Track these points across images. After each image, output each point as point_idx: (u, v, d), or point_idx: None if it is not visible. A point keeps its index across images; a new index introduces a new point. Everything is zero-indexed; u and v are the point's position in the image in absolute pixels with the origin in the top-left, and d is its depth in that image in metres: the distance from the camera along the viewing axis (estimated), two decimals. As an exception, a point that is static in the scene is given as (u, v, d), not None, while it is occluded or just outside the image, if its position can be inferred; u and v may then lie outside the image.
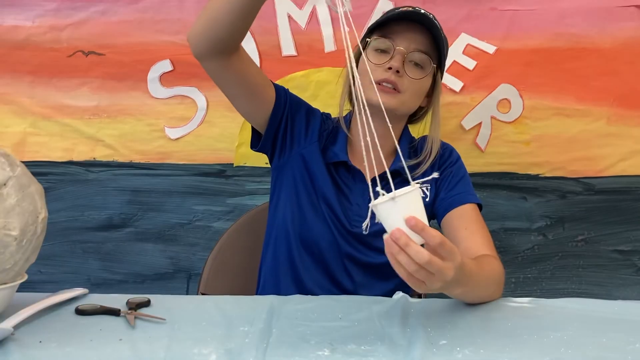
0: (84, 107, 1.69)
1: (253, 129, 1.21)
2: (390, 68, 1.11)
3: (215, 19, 1.00)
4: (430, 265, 0.76)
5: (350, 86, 1.23)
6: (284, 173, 1.21)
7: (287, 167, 1.20)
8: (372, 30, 1.17)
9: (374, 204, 0.77)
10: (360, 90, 0.84)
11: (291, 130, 1.20)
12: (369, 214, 0.80)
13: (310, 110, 1.23)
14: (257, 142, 1.22)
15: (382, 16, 1.18)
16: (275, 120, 1.17)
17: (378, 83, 1.11)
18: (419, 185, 0.78)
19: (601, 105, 1.69)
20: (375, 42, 1.15)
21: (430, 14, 1.16)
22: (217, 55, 1.05)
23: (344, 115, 1.24)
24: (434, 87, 1.20)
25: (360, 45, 1.11)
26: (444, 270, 0.78)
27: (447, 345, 0.83)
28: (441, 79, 1.21)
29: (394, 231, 0.75)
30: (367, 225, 0.82)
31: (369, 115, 0.83)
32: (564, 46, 1.66)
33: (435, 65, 1.16)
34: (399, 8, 1.19)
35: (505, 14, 1.66)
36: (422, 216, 0.77)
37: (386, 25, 1.15)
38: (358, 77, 1.15)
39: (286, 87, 1.22)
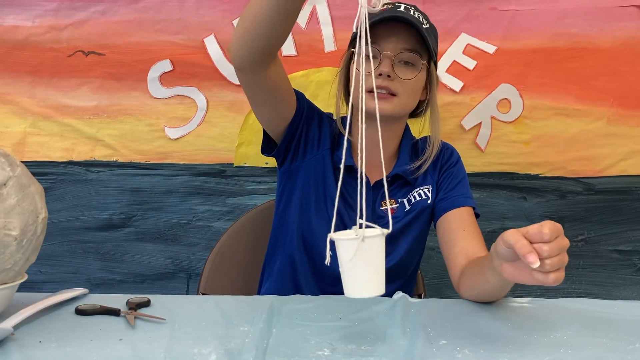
0: (84, 107, 1.69)
1: (265, 134, 1.20)
2: (380, 74, 1.11)
3: (253, 27, 0.97)
4: (561, 243, 0.77)
5: (344, 91, 1.22)
6: (295, 178, 1.20)
7: (299, 173, 1.20)
8: (356, 38, 1.17)
9: (336, 238, 0.76)
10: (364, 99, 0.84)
11: (305, 137, 1.19)
12: (328, 244, 0.78)
13: (321, 117, 1.23)
14: (267, 146, 1.21)
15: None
16: (293, 128, 1.17)
17: (371, 91, 1.11)
18: (387, 231, 0.76)
19: (601, 105, 1.69)
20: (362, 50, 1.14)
21: (411, 7, 1.15)
22: (258, 65, 1.03)
23: (342, 116, 1.24)
24: (430, 78, 1.19)
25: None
26: (564, 241, 0.78)
27: (447, 345, 0.83)
28: (436, 69, 1.21)
29: (528, 256, 0.75)
30: (329, 258, 0.79)
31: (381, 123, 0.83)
32: (564, 46, 1.66)
33: (425, 62, 1.15)
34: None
35: (505, 14, 1.66)
36: (381, 263, 0.76)
37: (370, 30, 1.14)
38: (353, 85, 1.16)
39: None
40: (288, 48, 1.66)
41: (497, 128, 1.70)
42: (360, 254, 0.74)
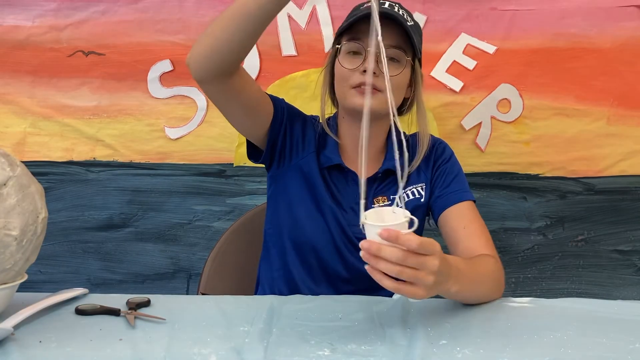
0: (84, 107, 1.69)
1: (248, 141, 1.20)
2: (365, 70, 1.10)
3: (220, 42, 0.97)
4: (409, 259, 0.76)
5: (330, 89, 1.22)
6: (283, 182, 1.20)
7: (285, 178, 1.19)
8: (341, 34, 1.16)
9: (364, 222, 0.79)
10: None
11: (290, 142, 1.18)
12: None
13: (304, 119, 1.22)
14: (253, 152, 1.21)
15: (347, 18, 1.16)
16: (274, 133, 1.16)
17: (356, 87, 1.11)
18: (409, 217, 0.79)
19: (601, 105, 1.69)
20: (346, 45, 1.13)
21: (396, 4, 1.14)
22: (220, 78, 1.03)
23: (329, 116, 1.23)
24: (415, 76, 1.18)
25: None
26: (427, 261, 0.78)
27: (447, 345, 0.83)
28: (420, 66, 1.20)
29: (362, 243, 0.77)
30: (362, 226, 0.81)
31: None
32: (564, 46, 1.66)
33: (409, 58, 1.14)
34: (362, 5, 1.17)
35: (505, 14, 1.66)
36: None
37: (354, 26, 1.13)
38: (337, 81, 1.15)
39: (282, 95, 1.21)
40: (288, 48, 1.66)
41: (497, 128, 1.70)
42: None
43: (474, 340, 0.84)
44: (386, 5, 1.13)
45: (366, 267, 0.79)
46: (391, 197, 1.19)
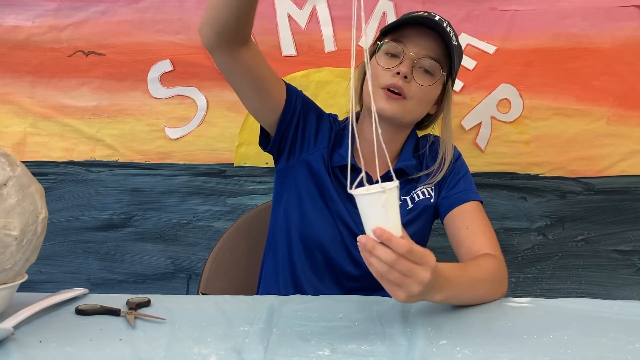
0: (84, 107, 1.69)
1: (262, 127, 1.20)
2: (398, 73, 1.11)
3: (219, 7, 0.99)
4: (399, 264, 0.77)
5: (361, 88, 1.22)
6: (292, 176, 1.20)
7: (293, 172, 1.19)
8: (384, 33, 1.17)
9: (355, 193, 0.80)
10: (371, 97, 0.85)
11: (302, 134, 1.18)
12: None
13: (320, 115, 1.22)
14: (264, 141, 1.21)
15: (396, 20, 1.17)
16: (285, 121, 1.16)
17: (385, 88, 1.11)
18: (398, 183, 0.80)
19: (601, 105, 1.69)
20: (386, 45, 1.14)
21: (445, 20, 1.15)
22: (226, 46, 1.04)
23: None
24: (444, 95, 1.19)
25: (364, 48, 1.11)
26: (418, 271, 0.78)
27: (447, 345, 0.83)
28: (452, 87, 1.20)
29: (360, 238, 0.78)
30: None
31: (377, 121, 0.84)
32: (564, 46, 1.66)
33: (445, 73, 1.15)
34: (414, 12, 1.18)
35: (505, 14, 1.66)
36: (394, 214, 0.79)
37: (399, 29, 1.14)
38: (369, 80, 1.15)
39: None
40: (288, 48, 1.67)
41: (497, 128, 1.70)
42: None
43: (474, 340, 0.84)
44: (437, 19, 1.14)
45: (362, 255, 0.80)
46: (402, 197, 1.20)
